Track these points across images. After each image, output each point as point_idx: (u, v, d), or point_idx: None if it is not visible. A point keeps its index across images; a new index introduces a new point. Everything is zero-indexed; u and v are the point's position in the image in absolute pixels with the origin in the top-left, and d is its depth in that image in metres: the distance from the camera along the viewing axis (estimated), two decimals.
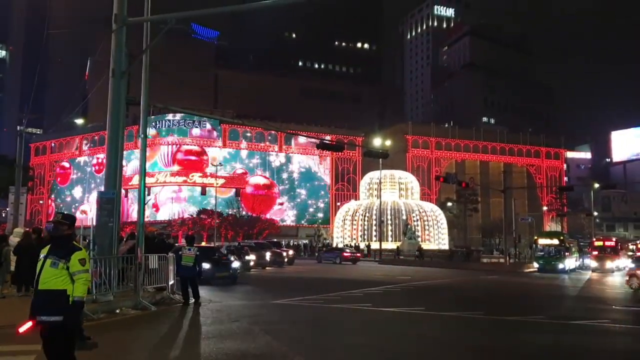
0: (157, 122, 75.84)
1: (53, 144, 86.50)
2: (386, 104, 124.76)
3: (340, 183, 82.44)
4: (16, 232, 16.98)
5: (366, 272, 31.87)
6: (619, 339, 11.07)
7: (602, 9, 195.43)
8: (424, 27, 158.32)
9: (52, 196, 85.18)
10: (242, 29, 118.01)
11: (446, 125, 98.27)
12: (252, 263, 29.28)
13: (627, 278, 23.19)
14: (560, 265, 35.21)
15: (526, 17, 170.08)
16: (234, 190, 76.11)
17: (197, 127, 76.45)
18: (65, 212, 7.11)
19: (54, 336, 5.56)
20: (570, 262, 36.74)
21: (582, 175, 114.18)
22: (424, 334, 10.81)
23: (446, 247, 62.92)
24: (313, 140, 50.24)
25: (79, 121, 66.91)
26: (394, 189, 66.39)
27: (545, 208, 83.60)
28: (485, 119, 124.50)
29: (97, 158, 79.18)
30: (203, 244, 44.22)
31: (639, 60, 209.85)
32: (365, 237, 63.85)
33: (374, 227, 62.20)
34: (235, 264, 21.74)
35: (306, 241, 66.72)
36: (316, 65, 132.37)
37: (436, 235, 65.75)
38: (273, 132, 74.97)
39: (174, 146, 76.02)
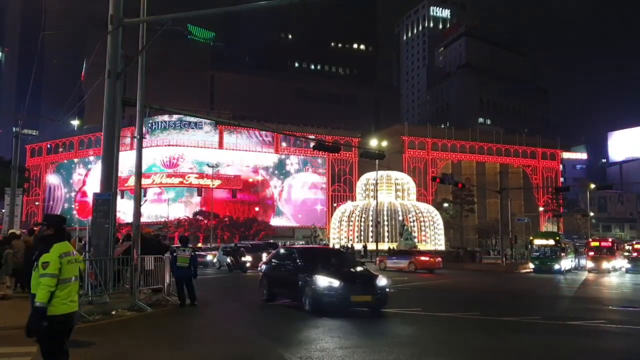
0: (154, 124, 75.71)
1: (49, 146, 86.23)
2: (382, 105, 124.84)
3: (337, 184, 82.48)
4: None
5: None
6: (615, 339, 11.10)
7: (599, 9, 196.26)
8: (420, 28, 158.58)
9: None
10: (238, 30, 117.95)
11: (442, 126, 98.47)
12: (248, 264, 29.74)
13: (378, 262, 34.41)
14: (556, 266, 35.19)
15: (522, 18, 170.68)
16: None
17: (193, 128, 76.38)
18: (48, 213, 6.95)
19: (38, 339, 5.53)
20: (566, 263, 36.70)
21: (578, 175, 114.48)
22: (421, 334, 10.82)
23: (442, 248, 62.92)
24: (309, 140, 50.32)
25: (75, 122, 66.79)
26: (391, 190, 66.35)
27: (541, 209, 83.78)
28: (481, 120, 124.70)
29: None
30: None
31: (635, 61, 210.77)
32: (362, 238, 63.81)
33: (371, 228, 62.25)
34: (383, 281, 13.22)
35: (303, 242, 66.68)
36: (312, 66, 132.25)
37: (432, 236, 65.75)
38: (269, 133, 74.94)
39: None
